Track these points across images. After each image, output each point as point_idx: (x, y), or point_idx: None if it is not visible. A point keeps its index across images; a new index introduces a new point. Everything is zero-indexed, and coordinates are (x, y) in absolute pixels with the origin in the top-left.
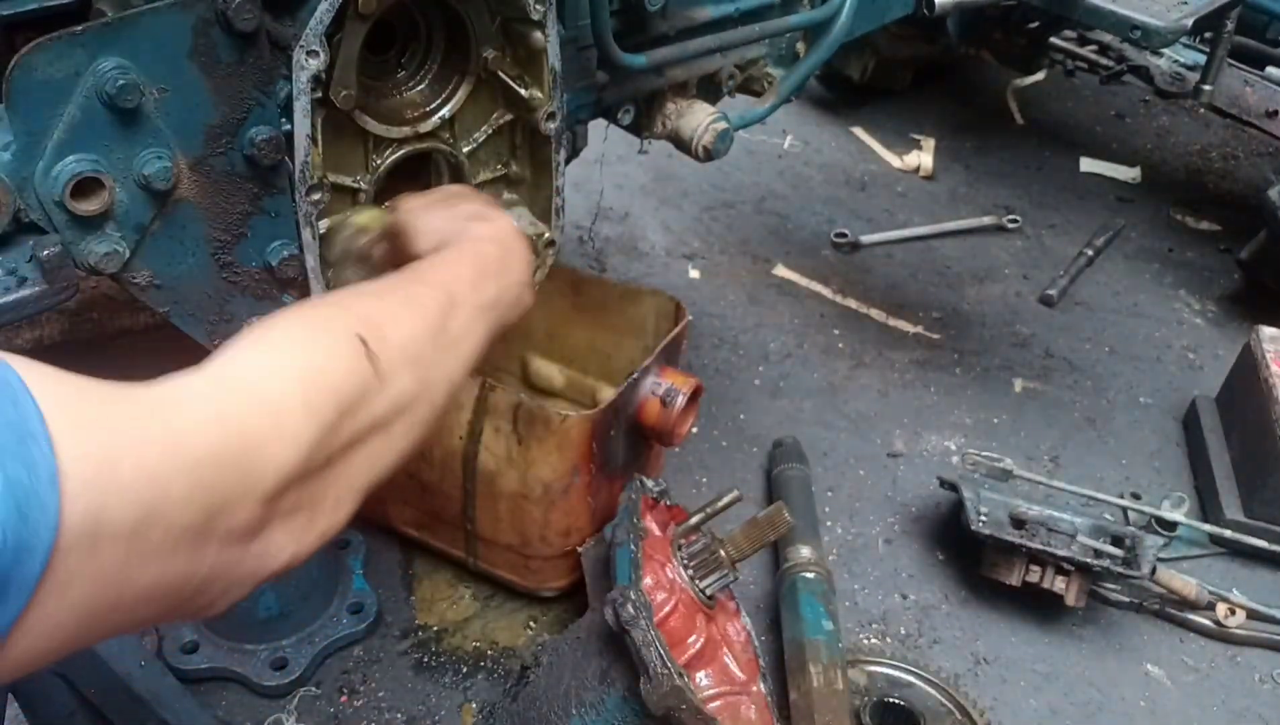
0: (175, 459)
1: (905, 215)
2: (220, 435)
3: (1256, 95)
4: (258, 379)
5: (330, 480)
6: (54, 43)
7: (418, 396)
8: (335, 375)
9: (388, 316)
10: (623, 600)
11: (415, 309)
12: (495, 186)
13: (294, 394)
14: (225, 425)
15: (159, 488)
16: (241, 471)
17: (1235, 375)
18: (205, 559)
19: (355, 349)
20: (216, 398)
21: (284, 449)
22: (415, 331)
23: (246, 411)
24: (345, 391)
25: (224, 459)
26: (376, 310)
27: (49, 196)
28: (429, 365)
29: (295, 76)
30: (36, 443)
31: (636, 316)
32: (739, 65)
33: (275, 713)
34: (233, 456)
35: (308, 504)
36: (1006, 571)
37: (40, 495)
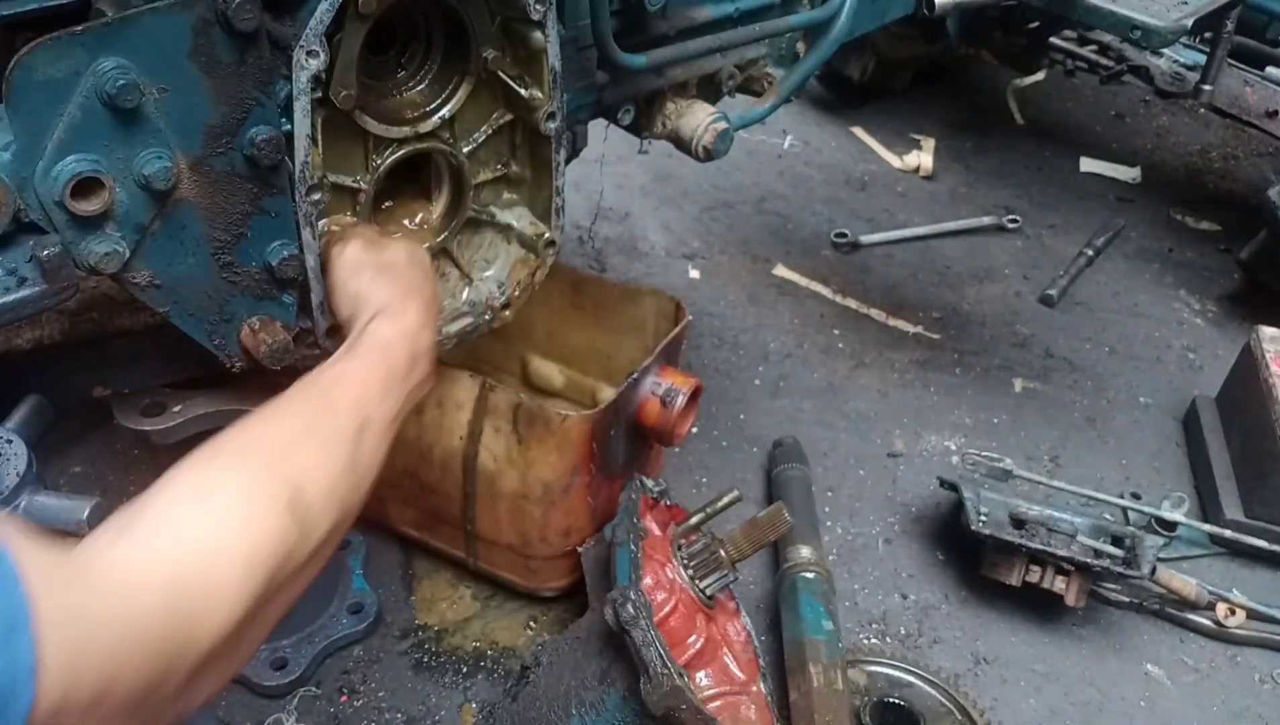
0: (130, 644)
1: (905, 215)
2: (169, 618)
3: (1256, 95)
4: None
5: (251, 630)
6: (54, 43)
7: (331, 535)
8: (269, 547)
9: (310, 469)
10: (623, 600)
11: (332, 449)
12: (495, 186)
13: (234, 569)
14: (174, 608)
15: (115, 670)
16: (182, 645)
17: (1235, 375)
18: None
19: (285, 515)
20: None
21: (218, 620)
22: (334, 476)
23: (192, 590)
24: (275, 558)
25: (170, 636)
26: (301, 462)
27: (49, 196)
28: (345, 503)
29: (295, 76)
30: (20, 636)
31: (636, 316)
32: (739, 65)
33: (275, 713)
34: (176, 634)
35: (229, 653)
36: (1006, 571)
37: (17, 689)
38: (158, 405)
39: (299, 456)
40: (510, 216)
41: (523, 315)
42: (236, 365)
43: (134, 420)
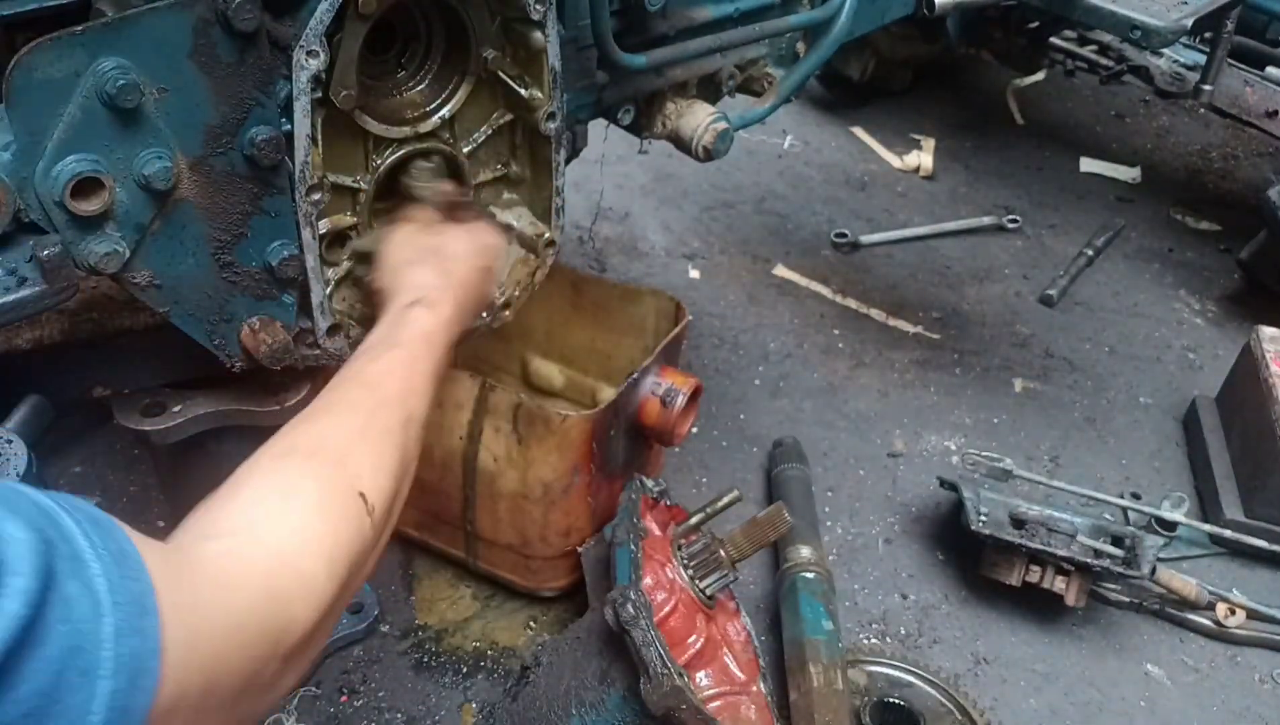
0: (235, 635)
1: (905, 215)
2: (267, 611)
3: (1256, 95)
4: (292, 548)
5: (330, 621)
6: (54, 43)
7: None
8: (350, 542)
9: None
10: (623, 600)
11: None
12: (495, 186)
13: (321, 562)
14: (271, 600)
15: (220, 665)
16: (278, 637)
17: (1235, 375)
18: (238, 710)
19: (360, 511)
20: (264, 572)
21: (309, 613)
22: (390, 472)
23: (286, 583)
24: (356, 553)
25: (267, 629)
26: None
27: (49, 196)
28: (398, 494)
29: (295, 76)
30: (150, 618)
31: (636, 316)
32: (739, 65)
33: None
34: (273, 626)
35: (313, 645)
36: (1006, 571)
37: (148, 667)
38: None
39: (361, 455)
40: (510, 216)
41: (523, 315)
42: (236, 365)
43: (134, 420)
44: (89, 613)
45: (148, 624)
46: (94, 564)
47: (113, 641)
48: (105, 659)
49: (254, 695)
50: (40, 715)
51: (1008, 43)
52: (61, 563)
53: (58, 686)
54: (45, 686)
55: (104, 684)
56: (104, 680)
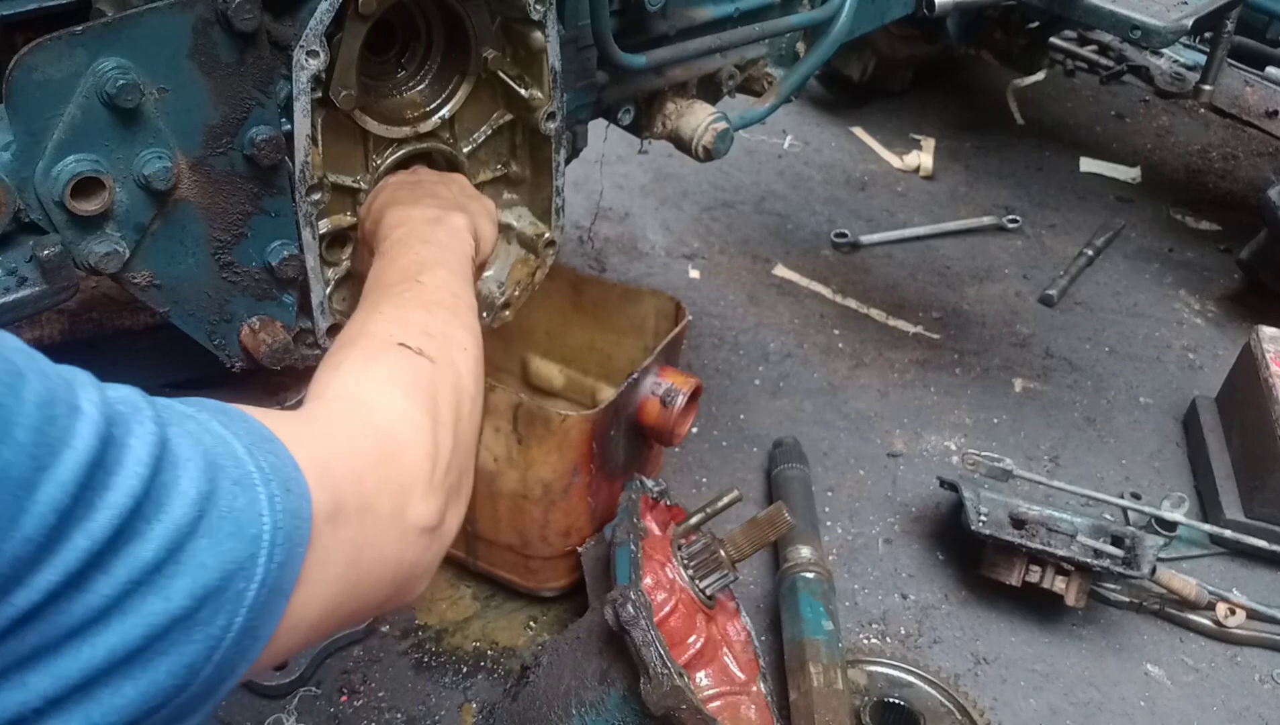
0: (359, 459)
1: (905, 215)
2: (376, 439)
3: (1256, 95)
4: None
5: (458, 453)
6: (54, 43)
7: (460, 359)
8: (408, 372)
9: (398, 322)
10: (623, 600)
11: (404, 305)
12: (495, 186)
13: (396, 394)
14: (377, 431)
15: (359, 481)
16: (403, 466)
17: (1235, 375)
18: (410, 545)
19: (403, 352)
20: (354, 413)
21: (414, 436)
22: (420, 318)
23: (379, 416)
24: (422, 382)
25: (388, 456)
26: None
27: (49, 196)
28: (448, 330)
29: (295, 76)
30: (274, 443)
31: (636, 316)
32: (739, 65)
33: (275, 713)
34: (390, 450)
35: (457, 483)
36: (1006, 571)
37: (293, 476)
38: None
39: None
40: (510, 216)
41: (523, 315)
42: (236, 365)
43: None
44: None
45: (275, 447)
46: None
47: (250, 457)
48: (251, 472)
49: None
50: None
51: (1008, 43)
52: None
53: (218, 493)
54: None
55: (260, 490)
56: (259, 488)
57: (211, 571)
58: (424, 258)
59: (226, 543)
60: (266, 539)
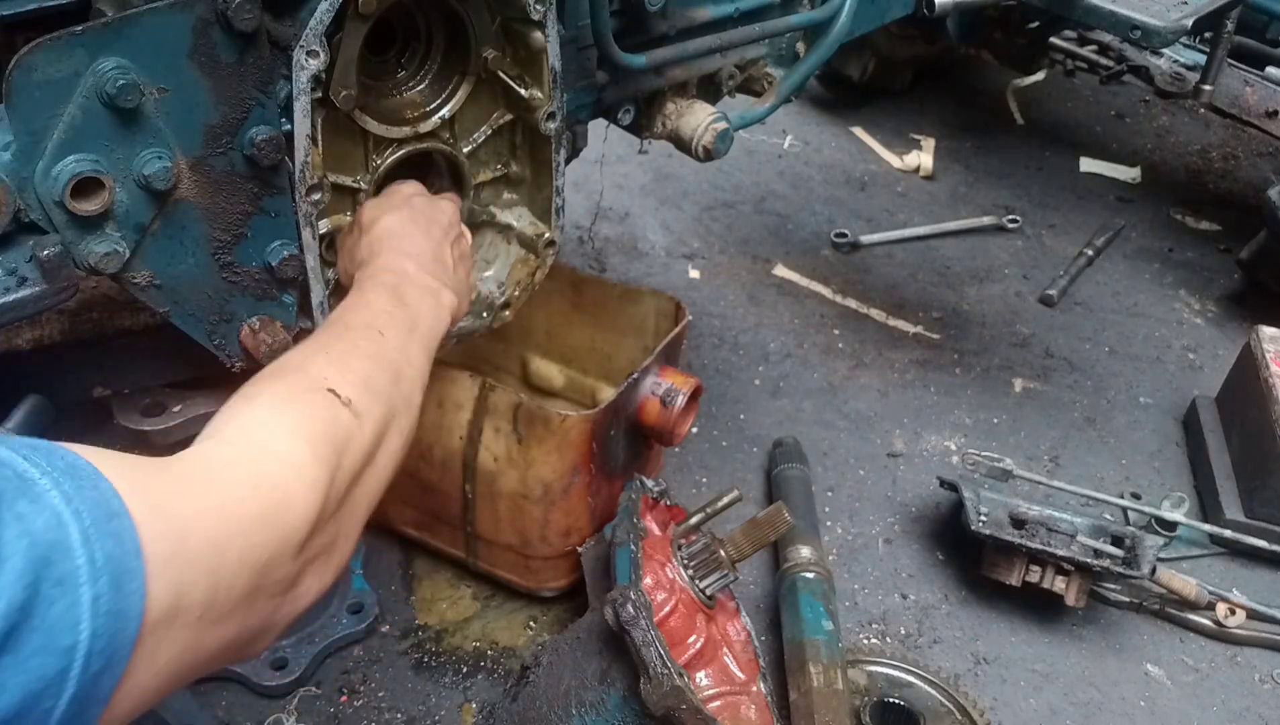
0: (229, 524)
1: (905, 215)
2: (257, 497)
3: (1256, 95)
4: (267, 437)
5: (342, 519)
6: (54, 43)
7: (387, 426)
8: (323, 423)
9: (336, 369)
10: (623, 600)
11: (356, 352)
12: (495, 186)
13: (300, 445)
14: (261, 487)
15: (220, 556)
16: (278, 526)
17: (1235, 375)
18: (257, 614)
19: (330, 400)
20: (246, 461)
21: (306, 496)
22: (366, 370)
23: (275, 470)
24: (336, 435)
25: (266, 518)
26: (328, 366)
27: (49, 196)
28: (389, 393)
29: (295, 76)
30: (120, 520)
31: (636, 316)
32: (739, 65)
33: (275, 713)
34: (270, 513)
35: (328, 546)
36: (1006, 571)
37: (130, 568)
38: (158, 405)
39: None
40: (510, 216)
41: (523, 315)
42: (236, 365)
43: (134, 420)
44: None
45: (119, 526)
46: (42, 480)
47: (83, 547)
48: (80, 566)
49: (271, 598)
50: (24, 631)
51: (1008, 43)
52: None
53: (35, 600)
54: (21, 601)
55: (85, 591)
56: (84, 587)
57: (12, 694)
58: (399, 317)
59: (34, 659)
60: (82, 649)
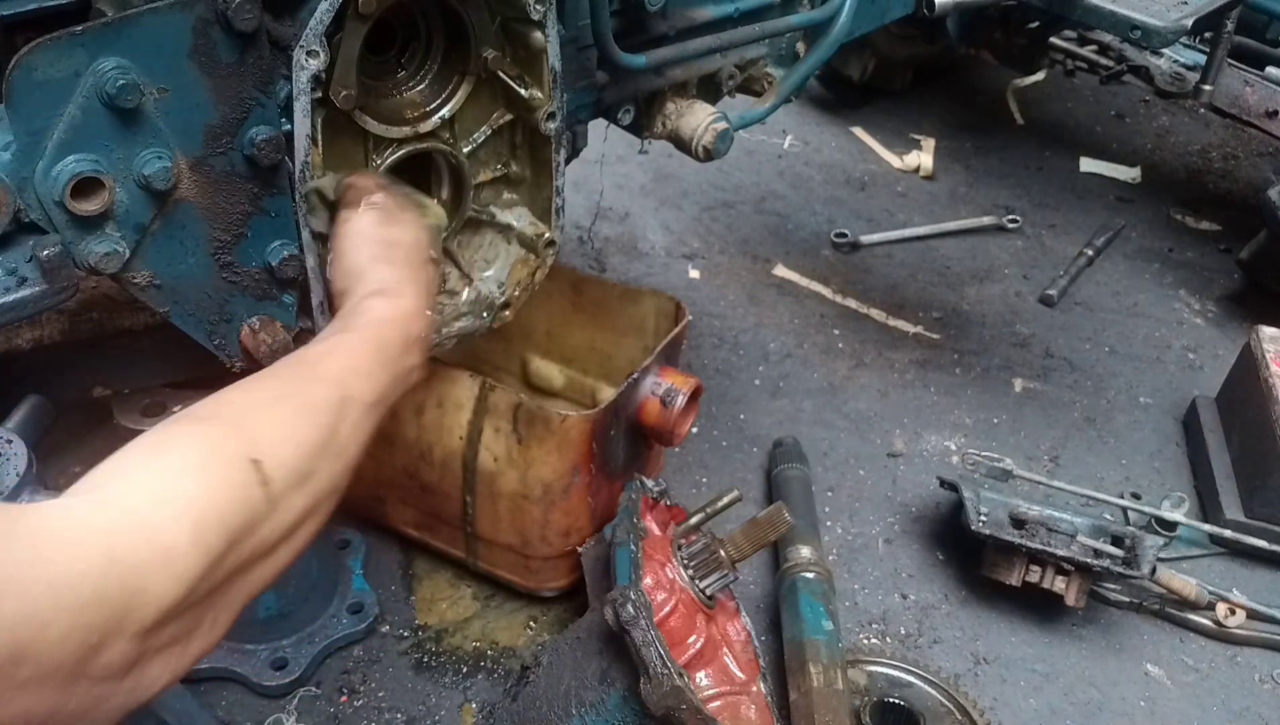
0: (59, 600)
1: (905, 215)
2: (106, 574)
3: (1256, 95)
4: (148, 508)
5: (209, 608)
6: (54, 43)
7: (306, 515)
8: (226, 505)
9: (281, 434)
10: (623, 600)
11: (308, 418)
12: (495, 186)
13: (183, 525)
14: (112, 565)
15: (36, 626)
16: (123, 608)
17: (1235, 375)
18: (74, 695)
19: (248, 477)
20: (107, 531)
21: (167, 584)
22: (308, 447)
23: (134, 544)
24: (235, 522)
25: (107, 600)
26: (270, 428)
27: (49, 196)
28: (320, 478)
29: (295, 76)
30: None
31: (636, 316)
32: (739, 65)
33: (275, 713)
34: (116, 594)
35: (184, 635)
36: (1006, 571)
37: None
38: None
39: (267, 420)
40: (510, 216)
41: (523, 315)
42: (236, 365)
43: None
44: None
45: None
46: None
47: None
48: None
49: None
50: None
51: (1008, 43)
52: None
53: None
54: None
55: None
56: None
57: None
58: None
59: None
60: None
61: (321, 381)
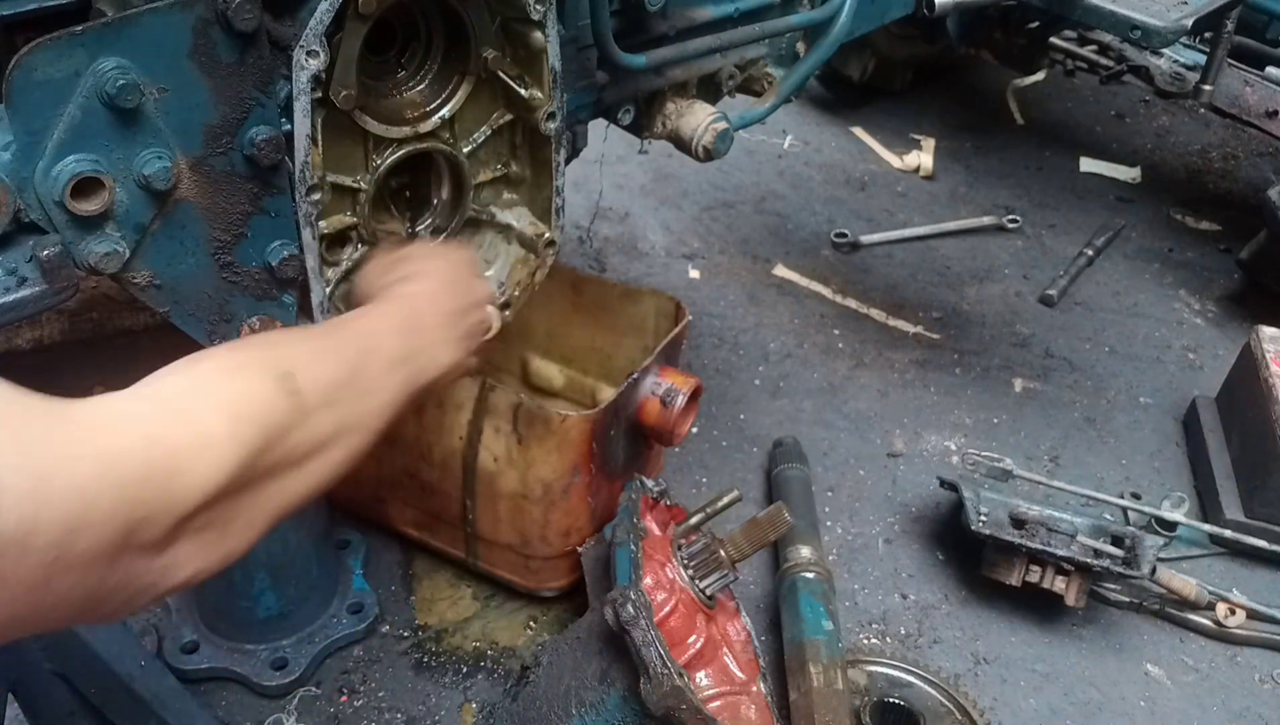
0: (106, 477)
1: (905, 215)
2: (150, 455)
3: (1256, 95)
4: (188, 402)
5: (244, 505)
6: (54, 43)
7: (334, 437)
8: (260, 404)
9: (307, 360)
10: (623, 600)
11: (331, 355)
12: (495, 186)
13: (221, 419)
14: (155, 445)
15: (87, 503)
16: (166, 490)
17: (1235, 375)
18: (118, 570)
19: (279, 385)
20: (148, 417)
21: (207, 470)
22: (333, 375)
23: (176, 433)
24: (269, 421)
25: (151, 478)
26: (297, 354)
27: (49, 196)
28: (345, 409)
29: (295, 76)
30: None
31: (636, 316)
32: (739, 65)
33: (275, 713)
34: (160, 476)
35: (219, 524)
36: (1006, 571)
37: None
38: None
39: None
40: (510, 216)
41: (523, 315)
42: None
43: None
44: None
45: None
46: None
47: None
48: None
49: (138, 557)
50: None
51: (1008, 43)
52: None
53: None
54: None
55: None
56: None
57: None
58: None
59: None
60: None
61: (346, 331)
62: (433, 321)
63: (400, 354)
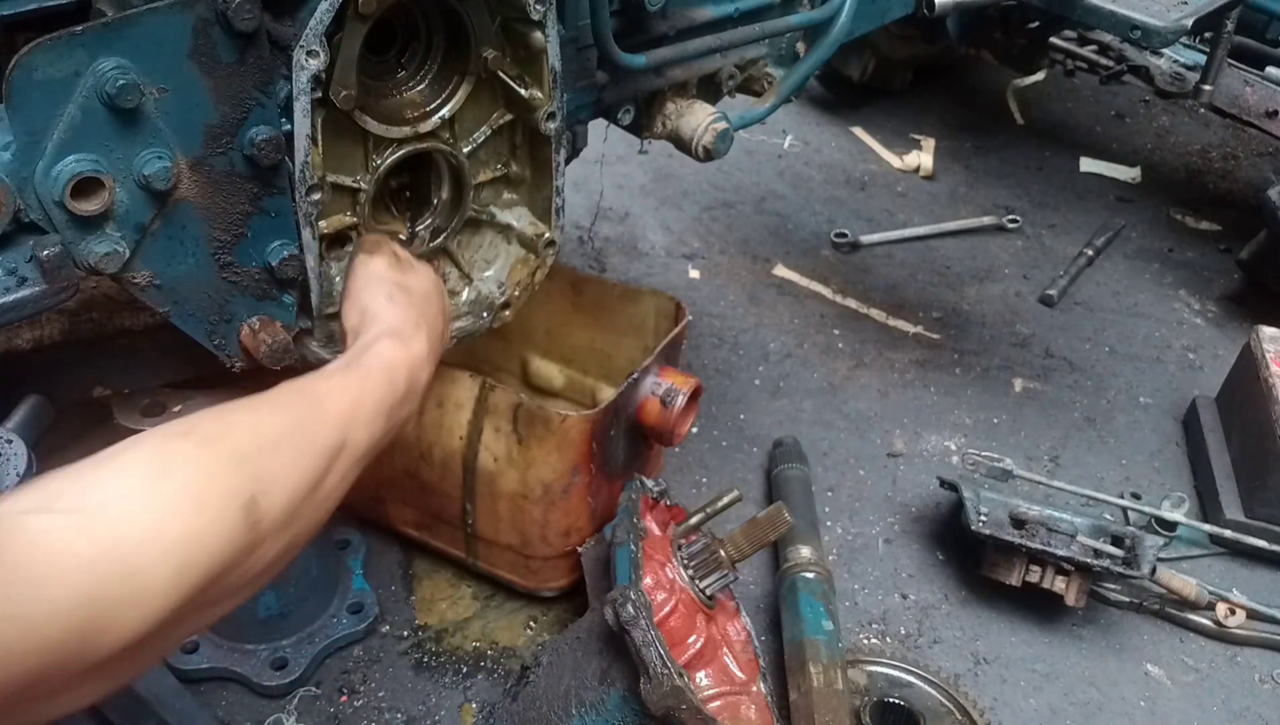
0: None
1: (905, 215)
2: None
3: (1256, 95)
4: (135, 543)
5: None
6: (54, 43)
7: (281, 558)
8: (215, 545)
9: (279, 478)
10: (623, 600)
11: (305, 462)
12: (495, 186)
13: (168, 568)
14: (90, 604)
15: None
16: (87, 643)
17: (1235, 375)
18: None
19: (238, 521)
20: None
21: (136, 623)
22: (299, 492)
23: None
24: (218, 564)
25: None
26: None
27: (49, 196)
28: (301, 524)
29: (295, 76)
30: None
31: (636, 316)
32: (739, 65)
33: (275, 713)
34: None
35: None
36: (1006, 571)
37: None
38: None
39: (270, 461)
40: (510, 216)
41: (523, 315)
42: (236, 365)
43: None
44: None
45: None
46: None
47: None
48: None
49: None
50: None
51: (1008, 43)
52: None
53: None
54: None
55: None
56: None
57: None
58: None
59: None
60: None
61: (324, 423)
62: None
63: (369, 446)
